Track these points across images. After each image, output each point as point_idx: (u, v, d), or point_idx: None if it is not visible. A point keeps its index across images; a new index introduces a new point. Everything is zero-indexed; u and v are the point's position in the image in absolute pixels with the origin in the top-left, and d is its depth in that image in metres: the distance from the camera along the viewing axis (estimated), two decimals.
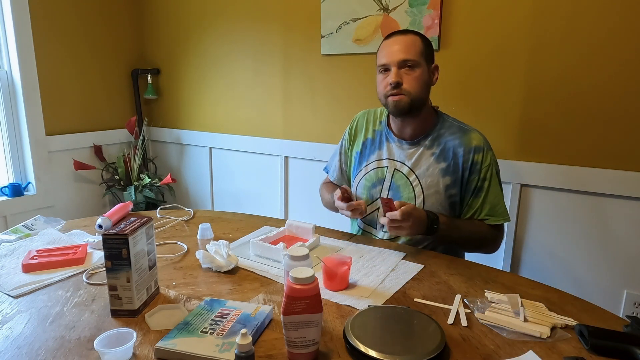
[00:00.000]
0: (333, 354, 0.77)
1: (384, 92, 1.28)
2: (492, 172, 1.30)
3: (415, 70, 1.25)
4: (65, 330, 0.84)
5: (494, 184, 1.30)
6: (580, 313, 0.90)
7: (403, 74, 1.24)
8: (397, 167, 1.34)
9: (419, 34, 1.29)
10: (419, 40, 1.26)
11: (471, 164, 1.28)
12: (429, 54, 1.29)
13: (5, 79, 2.33)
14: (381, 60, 1.28)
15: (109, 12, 2.70)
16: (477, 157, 1.28)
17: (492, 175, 1.30)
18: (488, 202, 1.29)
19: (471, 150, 1.28)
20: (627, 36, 1.51)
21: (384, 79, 1.27)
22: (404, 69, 1.24)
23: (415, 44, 1.25)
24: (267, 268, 1.11)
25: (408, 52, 1.23)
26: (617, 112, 1.57)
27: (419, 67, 1.25)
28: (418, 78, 1.25)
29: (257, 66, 2.43)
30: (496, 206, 1.30)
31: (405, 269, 1.10)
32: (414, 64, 1.24)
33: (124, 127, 2.82)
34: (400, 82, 1.24)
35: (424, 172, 1.31)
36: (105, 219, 1.32)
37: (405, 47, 1.24)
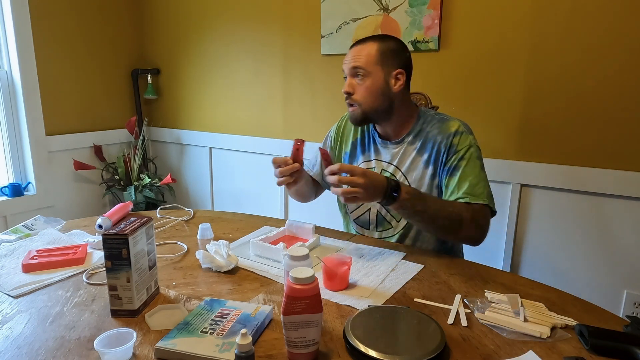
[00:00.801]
0: (333, 354, 0.77)
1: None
2: (472, 153, 1.23)
3: (366, 80, 1.23)
4: (65, 330, 0.84)
5: (472, 164, 1.22)
6: (580, 313, 0.90)
7: (355, 83, 1.24)
8: (384, 167, 1.33)
9: (383, 38, 1.25)
10: (375, 48, 1.22)
11: (449, 146, 1.24)
12: (387, 60, 1.23)
13: (5, 79, 2.33)
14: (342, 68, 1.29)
15: (109, 12, 2.70)
16: (455, 140, 1.24)
17: (471, 156, 1.22)
18: (466, 180, 1.20)
19: (450, 135, 1.24)
20: (627, 36, 1.51)
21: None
22: (356, 78, 1.24)
23: (370, 52, 1.22)
24: (267, 268, 1.11)
25: (358, 60, 1.22)
26: (617, 112, 1.57)
27: (370, 76, 1.22)
28: (368, 88, 1.23)
29: (257, 66, 2.43)
30: (475, 186, 1.19)
31: (405, 269, 1.10)
32: (365, 74, 1.22)
33: (124, 127, 2.82)
34: (350, 92, 1.24)
35: (408, 167, 1.29)
36: (105, 219, 1.32)
37: (358, 55, 1.23)
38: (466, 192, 1.19)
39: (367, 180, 1.05)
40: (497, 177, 1.82)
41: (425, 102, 1.62)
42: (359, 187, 1.05)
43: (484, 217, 1.19)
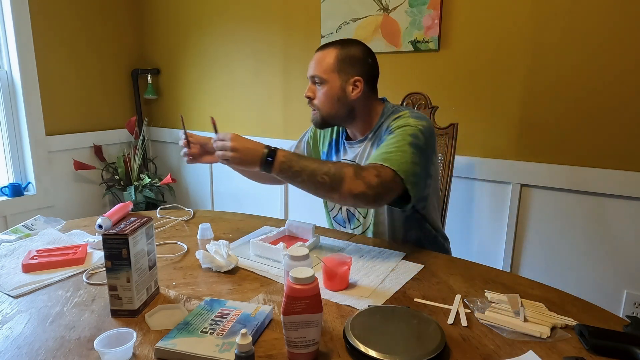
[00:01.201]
0: (333, 354, 0.77)
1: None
2: (404, 130, 1.18)
3: (323, 87, 1.26)
4: (65, 330, 0.84)
5: (399, 138, 1.16)
6: (580, 313, 0.90)
7: (315, 89, 1.28)
8: None
9: (343, 45, 1.25)
10: (333, 55, 1.24)
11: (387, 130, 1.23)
12: (344, 68, 1.24)
13: (5, 79, 2.33)
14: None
15: (109, 12, 2.71)
16: (393, 123, 1.22)
17: (402, 133, 1.17)
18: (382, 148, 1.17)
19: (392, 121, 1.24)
20: (628, 36, 1.52)
21: None
22: (315, 84, 1.28)
23: (327, 60, 1.24)
24: (267, 268, 1.11)
25: (316, 68, 1.26)
26: (617, 112, 1.57)
27: (326, 83, 1.25)
28: (325, 94, 1.26)
29: (258, 66, 2.43)
30: (389, 153, 1.14)
31: (405, 269, 1.10)
32: (321, 81, 1.26)
33: (124, 127, 2.82)
34: (310, 97, 1.29)
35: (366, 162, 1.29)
36: (105, 219, 1.32)
37: (317, 62, 1.26)
38: (375, 158, 1.15)
39: (237, 143, 1.11)
40: (497, 177, 1.82)
41: (425, 102, 1.62)
42: (228, 149, 1.11)
43: (377, 175, 1.10)
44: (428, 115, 1.61)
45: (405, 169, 1.12)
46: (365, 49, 1.28)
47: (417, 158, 1.15)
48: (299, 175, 1.11)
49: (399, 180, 1.11)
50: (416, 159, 1.15)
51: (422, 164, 1.17)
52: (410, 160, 1.13)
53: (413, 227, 1.33)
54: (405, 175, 1.11)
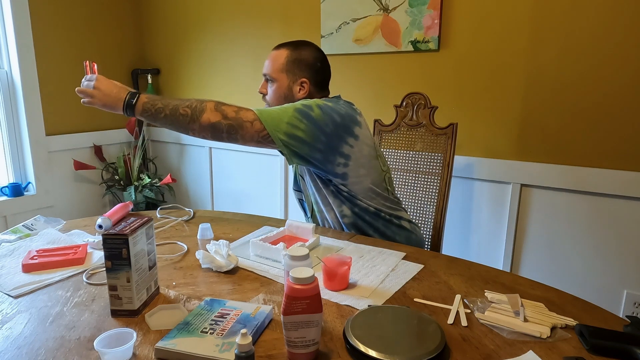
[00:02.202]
0: (333, 354, 0.77)
1: None
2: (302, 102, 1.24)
3: (273, 85, 1.37)
4: (65, 330, 0.84)
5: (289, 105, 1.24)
6: (580, 313, 0.90)
7: (267, 86, 1.39)
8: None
9: (295, 47, 1.35)
10: (284, 56, 1.34)
11: None
12: (293, 69, 1.34)
13: (5, 79, 2.33)
14: None
15: (109, 12, 2.71)
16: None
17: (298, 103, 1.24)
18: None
19: None
20: (628, 36, 1.52)
21: None
22: (267, 82, 1.39)
23: (278, 60, 1.34)
24: (267, 268, 1.11)
25: (268, 67, 1.36)
26: (617, 112, 1.57)
27: (276, 82, 1.36)
28: (274, 92, 1.37)
29: (258, 66, 2.43)
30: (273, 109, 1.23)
31: (405, 269, 1.10)
32: (271, 79, 1.37)
33: (124, 127, 2.82)
34: (263, 92, 1.41)
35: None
36: (105, 219, 1.32)
37: (269, 62, 1.36)
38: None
39: (100, 84, 1.19)
40: (497, 177, 1.82)
41: (425, 102, 1.62)
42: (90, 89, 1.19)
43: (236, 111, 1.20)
44: (428, 115, 1.61)
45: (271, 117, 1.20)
46: (316, 52, 1.37)
47: (297, 121, 1.20)
48: (161, 111, 1.18)
49: (258, 122, 1.20)
50: (295, 121, 1.20)
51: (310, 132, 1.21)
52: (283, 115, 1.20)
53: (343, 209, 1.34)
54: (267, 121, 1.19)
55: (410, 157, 1.65)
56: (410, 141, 1.65)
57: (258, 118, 1.21)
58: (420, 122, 1.63)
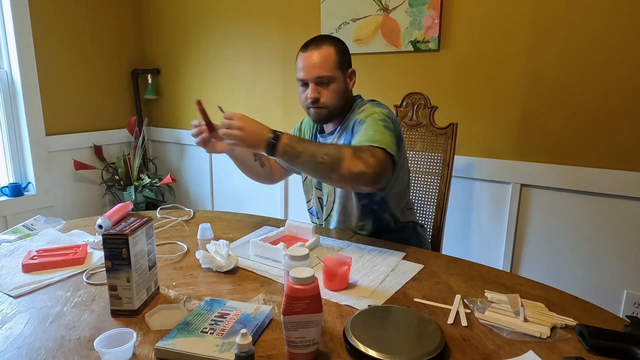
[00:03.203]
0: (333, 354, 0.77)
1: (305, 104, 1.33)
2: (374, 118, 1.24)
3: (330, 85, 1.29)
4: (65, 330, 0.84)
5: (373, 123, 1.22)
6: (580, 313, 0.90)
7: (320, 89, 1.29)
8: None
9: (333, 40, 1.31)
10: (332, 52, 1.29)
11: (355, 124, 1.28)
12: (343, 62, 1.31)
13: (5, 79, 2.33)
14: (299, 74, 1.31)
15: (109, 12, 2.71)
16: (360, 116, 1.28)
17: (373, 119, 1.23)
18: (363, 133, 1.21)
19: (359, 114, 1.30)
20: (628, 36, 1.52)
21: (303, 92, 1.32)
22: (321, 84, 1.29)
23: (329, 58, 1.28)
24: (267, 268, 1.11)
25: (322, 68, 1.27)
26: (617, 112, 1.57)
27: (334, 81, 1.29)
28: (333, 91, 1.30)
29: (258, 66, 2.43)
30: (373, 134, 1.18)
31: (405, 269, 1.10)
32: (329, 80, 1.28)
33: (124, 127, 2.82)
34: (318, 97, 1.29)
35: None
36: (105, 219, 1.32)
37: (320, 62, 1.27)
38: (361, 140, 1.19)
39: (244, 123, 1.12)
40: (497, 177, 1.82)
41: (425, 102, 1.62)
42: (235, 129, 1.11)
43: (373, 155, 1.12)
44: (428, 115, 1.62)
45: (392, 147, 1.17)
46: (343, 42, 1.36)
47: (393, 138, 1.21)
48: (300, 156, 1.13)
49: (390, 158, 1.16)
50: (393, 139, 1.21)
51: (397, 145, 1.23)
52: (390, 141, 1.19)
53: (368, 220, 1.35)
54: (389, 148, 1.17)
55: (411, 157, 1.65)
56: (411, 141, 1.65)
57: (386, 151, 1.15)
58: (420, 122, 1.64)
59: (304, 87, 1.32)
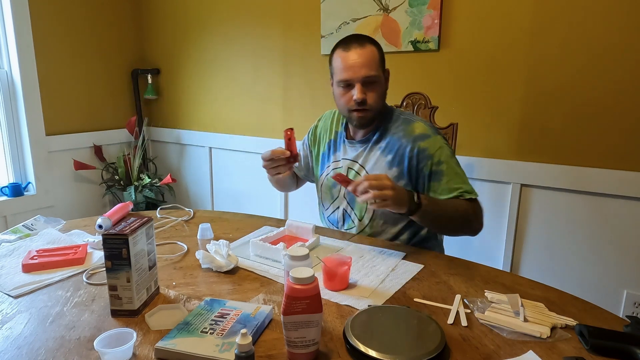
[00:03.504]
0: (333, 354, 0.77)
1: (347, 107, 1.28)
2: (446, 154, 1.26)
3: (376, 85, 1.26)
4: (65, 330, 0.84)
5: (451, 164, 1.26)
6: (580, 313, 0.90)
7: (366, 90, 1.24)
8: (350, 166, 1.37)
9: (372, 39, 1.28)
10: (376, 51, 1.26)
11: (418, 152, 1.25)
12: (383, 61, 1.29)
13: (5, 79, 2.33)
14: (342, 75, 1.25)
15: (109, 12, 2.70)
16: (422, 144, 1.25)
17: (447, 158, 1.25)
18: (453, 181, 1.24)
19: (416, 139, 1.26)
20: (628, 36, 1.52)
21: (346, 93, 1.26)
22: (367, 84, 1.24)
23: (375, 57, 1.25)
24: (267, 268, 1.11)
25: (370, 67, 1.23)
26: (618, 112, 1.57)
27: (379, 82, 1.26)
28: (378, 92, 1.27)
29: (258, 66, 2.43)
30: (463, 184, 1.25)
31: (405, 269, 1.10)
32: (375, 80, 1.25)
33: (124, 127, 2.82)
34: (365, 98, 1.24)
35: (372, 166, 1.32)
36: (105, 219, 1.32)
37: (367, 62, 1.23)
38: (459, 192, 1.23)
39: (391, 183, 1.08)
40: (497, 177, 1.82)
41: (425, 102, 1.62)
42: (388, 189, 1.06)
43: (481, 209, 1.26)
44: (428, 115, 1.61)
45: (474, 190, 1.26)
46: None
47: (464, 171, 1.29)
48: (438, 218, 1.19)
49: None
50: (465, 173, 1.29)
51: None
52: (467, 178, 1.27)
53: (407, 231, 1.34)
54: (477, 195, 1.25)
55: None
56: None
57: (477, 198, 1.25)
58: None
59: (346, 88, 1.26)
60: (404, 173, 1.28)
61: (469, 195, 1.23)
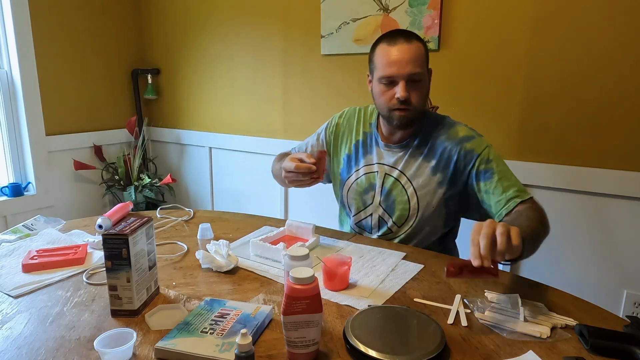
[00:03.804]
0: (333, 354, 0.77)
1: (387, 105, 1.21)
2: (493, 153, 1.22)
3: (421, 84, 1.20)
4: (65, 330, 0.84)
5: (500, 162, 1.21)
6: (580, 313, 0.90)
7: (409, 88, 1.18)
8: (387, 172, 1.31)
9: (417, 36, 1.21)
10: (422, 48, 1.20)
11: (465, 154, 1.22)
12: (428, 60, 1.23)
13: (5, 79, 2.33)
14: (385, 70, 1.18)
15: (109, 12, 2.70)
16: (468, 145, 1.22)
17: (495, 156, 1.22)
18: (506, 179, 1.18)
19: (461, 141, 1.23)
20: (628, 36, 1.51)
21: (387, 91, 1.20)
22: (411, 82, 1.18)
23: (421, 54, 1.18)
24: (267, 268, 1.11)
25: (416, 64, 1.16)
26: (617, 112, 1.57)
27: (424, 80, 1.20)
28: (422, 91, 1.21)
29: (257, 66, 2.43)
30: (517, 183, 1.19)
31: (405, 269, 1.10)
32: (421, 77, 1.19)
33: (124, 127, 2.82)
34: (409, 97, 1.17)
35: (414, 172, 1.27)
36: (105, 219, 1.32)
37: (413, 58, 1.16)
38: (514, 190, 1.16)
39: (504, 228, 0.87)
40: None
41: None
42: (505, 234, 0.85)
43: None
44: None
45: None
46: None
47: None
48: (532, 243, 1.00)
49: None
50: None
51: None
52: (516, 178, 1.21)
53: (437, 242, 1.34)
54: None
55: None
56: None
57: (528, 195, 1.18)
58: None
59: (388, 85, 1.19)
60: (448, 178, 1.24)
61: (526, 195, 1.16)
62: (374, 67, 1.23)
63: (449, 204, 1.29)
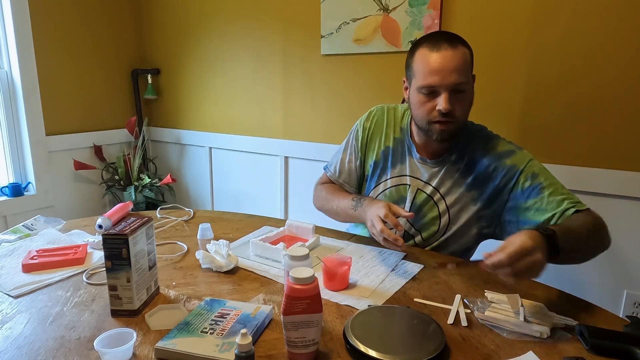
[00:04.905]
0: (333, 354, 0.77)
1: (428, 118, 1.11)
2: (538, 165, 1.13)
3: (465, 94, 1.09)
4: (65, 330, 0.84)
5: (547, 175, 1.12)
6: (580, 313, 0.90)
7: (454, 99, 1.07)
8: (420, 187, 1.22)
9: (463, 40, 1.11)
10: (468, 54, 1.09)
11: (505, 171, 1.13)
12: (472, 65, 1.12)
13: (5, 79, 2.33)
14: (426, 79, 1.07)
15: (109, 12, 2.70)
16: (509, 162, 1.13)
17: (541, 169, 1.12)
18: (558, 192, 1.09)
19: (500, 157, 1.15)
20: (628, 36, 1.51)
21: (428, 102, 1.09)
22: (455, 92, 1.07)
23: (466, 60, 1.07)
24: (267, 268, 1.11)
25: (461, 73, 1.05)
26: (618, 112, 1.57)
27: (469, 90, 1.10)
28: (467, 101, 1.10)
29: (257, 66, 2.43)
30: (569, 193, 1.09)
31: (405, 269, 1.10)
32: (466, 88, 1.08)
33: (124, 127, 2.82)
34: (452, 110, 1.07)
35: (449, 189, 1.19)
36: (105, 219, 1.32)
37: (458, 66, 1.05)
38: (569, 202, 1.07)
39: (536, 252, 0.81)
40: None
41: None
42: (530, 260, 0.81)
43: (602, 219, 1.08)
44: None
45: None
46: None
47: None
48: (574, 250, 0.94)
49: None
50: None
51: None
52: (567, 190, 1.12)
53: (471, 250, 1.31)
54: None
55: None
56: None
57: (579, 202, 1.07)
58: None
59: (429, 96, 1.09)
60: (484, 197, 1.16)
61: (582, 206, 1.06)
62: (412, 75, 1.13)
63: (480, 223, 1.21)
